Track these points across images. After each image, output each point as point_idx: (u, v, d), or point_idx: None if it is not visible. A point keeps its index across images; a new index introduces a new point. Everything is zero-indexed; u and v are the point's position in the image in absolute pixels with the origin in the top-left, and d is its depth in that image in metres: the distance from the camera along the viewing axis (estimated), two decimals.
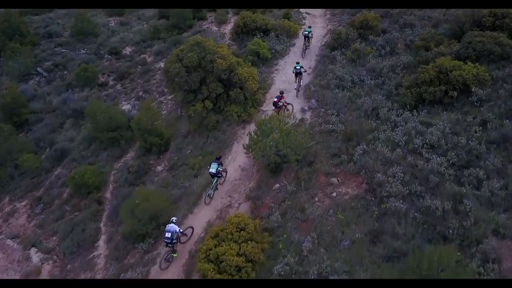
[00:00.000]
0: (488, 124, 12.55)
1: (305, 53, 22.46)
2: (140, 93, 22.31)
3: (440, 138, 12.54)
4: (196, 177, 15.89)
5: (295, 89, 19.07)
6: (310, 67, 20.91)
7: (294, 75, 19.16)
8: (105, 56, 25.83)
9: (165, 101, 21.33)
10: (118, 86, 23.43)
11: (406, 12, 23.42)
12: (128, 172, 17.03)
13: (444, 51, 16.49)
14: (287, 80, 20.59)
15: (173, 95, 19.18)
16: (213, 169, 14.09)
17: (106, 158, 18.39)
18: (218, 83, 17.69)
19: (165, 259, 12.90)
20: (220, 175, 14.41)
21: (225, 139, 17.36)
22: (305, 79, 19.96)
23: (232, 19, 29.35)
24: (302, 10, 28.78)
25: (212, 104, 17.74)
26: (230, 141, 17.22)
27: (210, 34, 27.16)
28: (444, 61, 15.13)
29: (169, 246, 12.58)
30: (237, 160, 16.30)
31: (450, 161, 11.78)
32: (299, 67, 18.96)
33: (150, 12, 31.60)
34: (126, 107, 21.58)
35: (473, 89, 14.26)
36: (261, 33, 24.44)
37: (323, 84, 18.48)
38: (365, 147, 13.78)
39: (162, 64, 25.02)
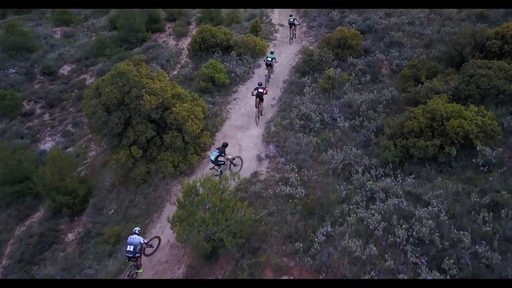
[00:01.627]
0: (502, 210, 8.68)
1: (292, 40, 21.85)
2: (69, 126, 18.24)
3: (433, 230, 8.67)
4: (110, 256, 11.92)
5: (265, 81, 18.04)
6: (273, 98, 17.00)
7: (265, 65, 18.43)
8: (37, 76, 21.68)
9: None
10: (46, 116, 19.33)
11: (393, 28, 19.55)
12: (28, 244, 12.97)
13: (438, 87, 12.61)
14: (247, 113, 16.69)
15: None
16: (212, 156, 12.59)
17: (7, 219, 14.32)
18: (149, 124, 13.72)
19: (128, 275, 10.92)
20: (222, 163, 12.75)
21: (155, 197, 13.39)
22: (268, 113, 16.09)
23: (194, 31, 25.31)
24: (274, 21, 24.88)
25: (141, 151, 13.77)
26: (162, 201, 13.25)
27: (166, 49, 23.16)
28: (439, 105, 11.26)
29: (132, 261, 10.89)
30: (167, 231, 12.31)
31: (448, 273, 7.90)
32: (270, 59, 18.04)
33: (102, 21, 27.43)
34: (48, 145, 17.52)
35: (478, 147, 10.42)
36: (220, 51, 20.50)
37: (286, 124, 14.56)
38: (329, 229, 9.88)
39: None
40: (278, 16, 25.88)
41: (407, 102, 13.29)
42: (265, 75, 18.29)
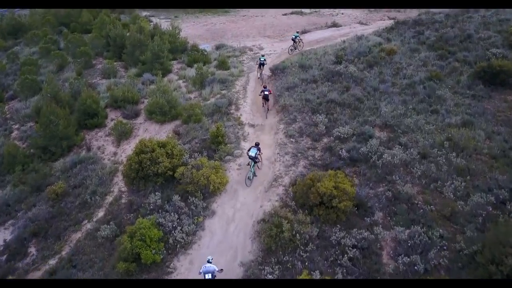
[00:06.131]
0: None
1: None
2: None
3: None
4: None
5: (258, 77, 22.49)
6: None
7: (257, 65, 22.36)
8: None
9: None
10: None
11: (396, 167, 14.10)
12: None
13: None
14: None
15: None
16: (252, 153, 14.83)
17: None
18: None
19: None
20: (258, 160, 15.17)
21: None
22: None
23: (141, 129, 19.71)
24: (244, 118, 19.30)
25: None
26: None
27: (98, 164, 17.59)
28: None
29: None
30: None
31: None
32: (263, 59, 22.01)
33: (31, 104, 21.79)
34: None
35: None
36: (163, 182, 15.18)
37: None
38: None
39: (6, 235, 15.48)
40: (251, 107, 20.36)
41: None
42: (258, 78, 22.59)
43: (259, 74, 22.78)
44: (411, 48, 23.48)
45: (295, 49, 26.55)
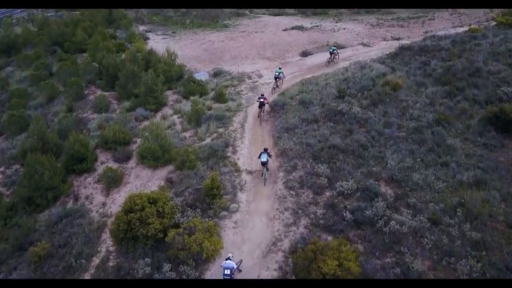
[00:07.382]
0: None
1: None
2: None
3: None
4: None
5: (273, 87, 24.32)
6: None
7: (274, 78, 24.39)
8: None
9: None
10: None
11: (405, 235, 13.01)
12: None
13: None
14: None
15: None
16: (263, 158, 16.37)
17: None
18: None
19: None
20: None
21: None
22: None
23: (132, 175, 18.63)
24: (241, 163, 18.17)
25: None
26: None
27: (85, 219, 16.47)
28: None
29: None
30: None
31: None
32: (277, 73, 23.86)
33: (17, 142, 20.75)
34: None
35: None
36: (149, 249, 14.11)
37: None
38: None
39: None
40: (249, 149, 19.26)
41: None
42: (273, 87, 24.22)
43: (274, 86, 24.47)
44: (417, 81, 22.43)
45: (332, 61, 28.48)
